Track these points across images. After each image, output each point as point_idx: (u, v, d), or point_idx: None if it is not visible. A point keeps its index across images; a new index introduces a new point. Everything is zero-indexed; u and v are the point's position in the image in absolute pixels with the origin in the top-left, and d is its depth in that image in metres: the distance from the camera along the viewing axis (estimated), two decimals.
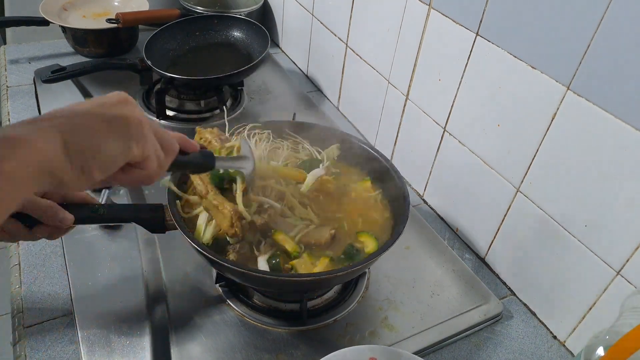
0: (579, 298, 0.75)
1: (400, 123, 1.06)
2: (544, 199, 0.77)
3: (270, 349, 0.73)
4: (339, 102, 1.31)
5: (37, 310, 0.76)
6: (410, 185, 1.09)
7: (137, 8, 1.42)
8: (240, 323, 0.76)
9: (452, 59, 0.87)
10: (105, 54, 1.36)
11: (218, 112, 1.21)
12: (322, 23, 1.29)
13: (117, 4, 1.48)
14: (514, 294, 0.88)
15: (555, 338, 0.81)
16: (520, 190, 0.81)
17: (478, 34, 0.81)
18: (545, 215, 0.77)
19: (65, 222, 0.63)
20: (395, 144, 1.11)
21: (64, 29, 1.33)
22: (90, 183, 0.46)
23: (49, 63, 1.21)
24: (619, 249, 0.67)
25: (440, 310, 0.81)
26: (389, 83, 1.07)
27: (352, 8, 1.13)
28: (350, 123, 1.28)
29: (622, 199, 0.66)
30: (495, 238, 0.89)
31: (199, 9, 1.41)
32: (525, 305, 0.86)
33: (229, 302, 0.79)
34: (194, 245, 0.67)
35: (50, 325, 0.74)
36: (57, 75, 1.13)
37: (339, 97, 1.31)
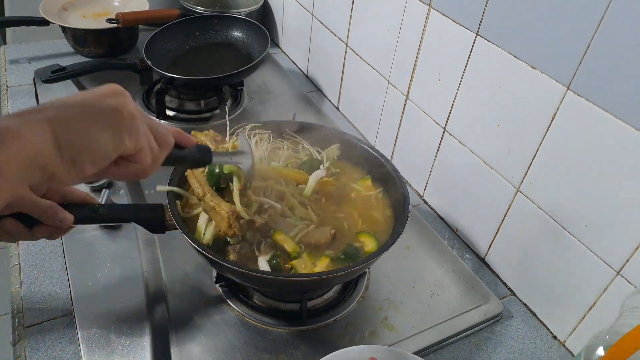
0: (579, 298, 0.75)
1: (400, 123, 1.06)
2: (544, 199, 0.77)
3: (270, 349, 0.73)
4: (339, 102, 1.31)
5: (37, 310, 0.76)
6: (410, 185, 1.09)
7: (137, 8, 1.42)
8: (240, 323, 0.76)
9: (452, 59, 0.87)
10: (105, 54, 1.36)
11: (218, 112, 1.21)
12: (322, 23, 1.29)
13: (117, 4, 1.48)
14: (514, 294, 0.88)
15: (555, 338, 0.81)
16: (520, 190, 0.81)
17: (478, 34, 0.81)
18: (545, 215, 0.77)
19: (65, 222, 0.63)
20: (395, 144, 1.11)
21: (64, 29, 1.33)
22: (82, 177, 0.44)
23: (49, 63, 1.21)
24: (619, 249, 0.67)
25: (440, 310, 0.81)
26: (389, 83, 1.07)
27: (352, 8, 1.13)
28: (350, 123, 1.28)
29: (622, 199, 0.66)
30: (495, 238, 0.89)
31: (199, 9, 1.41)
32: (525, 305, 0.86)
33: (229, 302, 0.79)
34: (194, 245, 0.67)
35: (50, 325, 0.74)
36: (57, 75, 1.13)
37: (339, 97, 1.31)
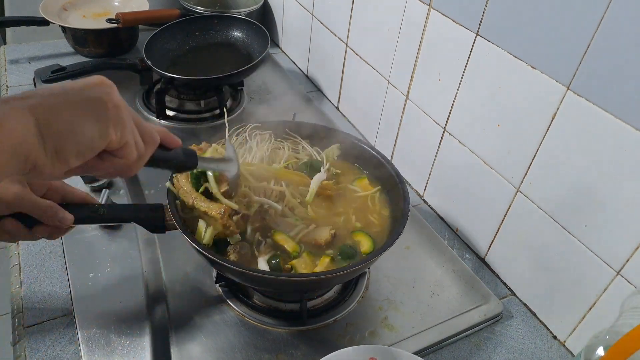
0: (579, 298, 0.75)
1: (400, 123, 1.06)
2: (544, 199, 0.77)
3: (270, 349, 0.73)
4: (339, 102, 1.31)
5: (37, 310, 0.76)
6: (410, 185, 1.09)
7: (137, 8, 1.42)
8: (240, 323, 0.76)
9: (452, 59, 0.87)
10: (105, 54, 1.36)
11: (218, 112, 1.21)
12: (322, 23, 1.29)
13: (117, 4, 1.48)
14: (514, 294, 0.88)
15: (555, 338, 0.81)
16: (520, 190, 0.81)
17: (478, 34, 0.81)
18: (545, 215, 0.77)
19: (65, 222, 0.63)
20: (395, 144, 1.11)
21: (64, 29, 1.33)
22: (66, 169, 0.43)
23: (49, 63, 1.20)
24: (619, 249, 0.67)
25: (440, 310, 0.81)
26: (389, 83, 1.07)
27: (352, 8, 1.13)
28: (350, 123, 1.28)
29: (622, 199, 0.66)
30: (495, 238, 0.89)
31: (199, 9, 1.41)
32: (525, 305, 0.86)
33: (229, 302, 0.79)
34: (194, 246, 0.67)
35: (50, 325, 0.74)
36: (57, 75, 1.13)
37: (339, 97, 1.31)
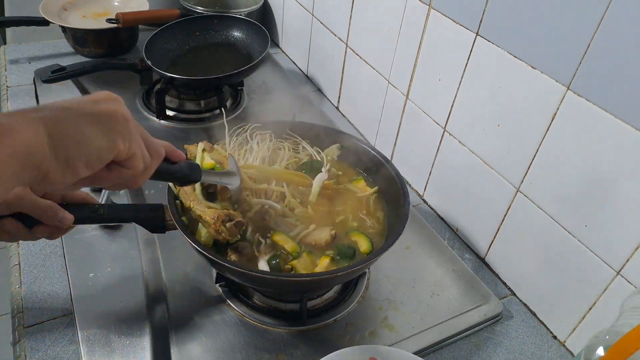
0: (579, 298, 0.75)
1: (400, 123, 1.06)
2: (544, 199, 0.77)
3: (270, 349, 0.73)
4: (339, 102, 1.31)
5: (37, 310, 0.76)
6: (410, 185, 1.09)
7: (137, 8, 1.42)
8: (240, 323, 0.76)
9: (452, 59, 0.87)
10: (105, 54, 1.36)
11: (218, 112, 1.21)
12: (322, 23, 1.29)
13: (117, 4, 1.48)
14: (514, 294, 0.88)
15: (555, 338, 0.81)
16: (520, 190, 0.81)
17: (478, 34, 0.81)
18: (545, 215, 0.77)
19: (65, 222, 0.63)
20: (395, 144, 1.11)
21: (64, 29, 1.33)
22: (76, 178, 0.44)
23: (49, 63, 1.20)
24: (619, 249, 0.67)
25: (440, 310, 0.81)
26: (389, 83, 1.07)
27: (352, 8, 1.13)
28: (350, 123, 1.28)
29: (621, 199, 0.66)
30: (495, 238, 0.89)
31: (199, 9, 1.41)
32: (525, 305, 0.86)
33: (229, 302, 0.79)
34: (194, 246, 0.67)
35: (50, 325, 0.74)
36: (57, 75, 1.13)
37: (339, 97, 1.31)
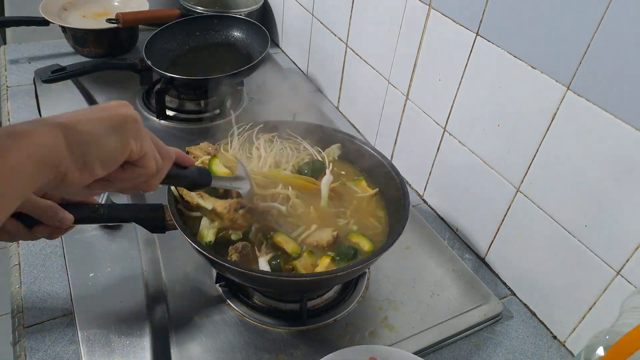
0: (579, 298, 0.75)
1: (400, 123, 1.06)
2: (544, 199, 0.77)
3: (270, 349, 0.73)
4: (339, 102, 1.31)
5: (37, 310, 0.76)
6: (410, 185, 1.09)
7: (137, 8, 1.42)
8: (240, 323, 0.76)
9: (452, 59, 0.87)
10: (105, 54, 1.36)
11: (218, 112, 1.21)
12: (322, 23, 1.29)
13: (117, 4, 1.48)
14: (514, 294, 0.88)
15: (555, 338, 0.81)
16: (520, 190, 0.81)
17: (478, 34, 0.81)
18: (545, 215, 0.77)
19: (65, 222, 0.63)
20: (395, 144, 1.11)
21: (64, 29, 1.33)
22: (92, 178, 0.47)
23: (49, 63, 1.21)
24: (619, 249, 0.67)
25: (440, 310, 0.81)
26: (389, 83, 1.07)
27: (352, 8, 1.13)
28: (350, 123, 1.28)
29: (622, 199, 0.66)
30: (495, 238, 0.89)
31: (199, 9, 1.41)
32: (525, 305, 0.86)
33: (229, 302, 0.79)
34: (194, 246, 0.67)
35: (50, 325, 0.74)
36: (57, 75, 1.13)
37: (339, 97, 1.31)
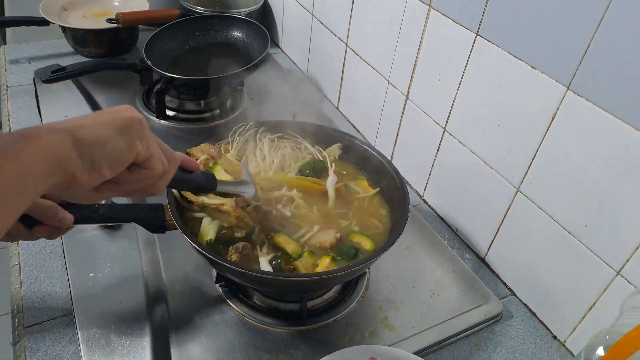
0: (579, 298, 0.75)
1: (400, 123, 1.06)
2: (544, 199, 0.77)
3: (270, 349, 0.73)
4: (339, 102, 1.31)
5: (37, 310, 0.76)
6: (410, 185, 1.09)
7: (137, 8, 1.42)
8: (240, 323, 0.76)
9: (452, 59, 0.87)
10: (105, 54, 1.36)
11: (218, 112, 1.21)
12: (322, 23, 1.29)
13: (117, 4, 1.48)
14: (514, 294, 0.88)
15: (555, 338, 0.81)
16: (520, 190, 0.81)
17: (478, 34, 0.81)
18: (545, 215, 0.77)
19: (65, 222, 0.63)
20: (395, 144, 1.11)
21: (64, 29, 1.33)
22: (100, 180, 0.47)
23: (49, 63, 1.21)
24: (619, 249, 0.67)
25: (440, 310, 0.81)
26: (389, 83, 1.07)
27: (352, 8, 1.13)
28: (350, 123, 1.28)
29: (622, 199, 0.66)
30: (495, 238, 0.89)
31: (199, 9, 1.41)
32: (525, 305, 0.86)
33: (229, 302, 0.79)
34: (194, 246, 0.67)
35: (50, 325, 0.74)
36: (57, 75, 1.13)
37: (339, 97, 1.31)
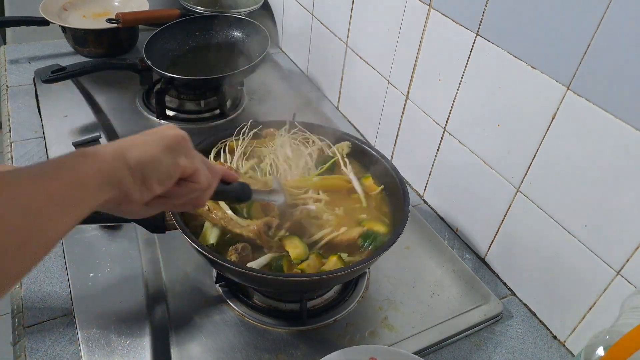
0: (579, 298, 0.75)
1: (400, 123, 1.06)
2: (544, 199, 0.77)
3: (270, 349, 0.73)
4: (339, 102, 1.31)
5: (37, 310, 0.76)
6: (410, 185, 1.09)
7: (137, 8, 1.42)
8: (240, 323, 0.76)
9: (452, 59, 0.87)
10: (105, 54, 1.36)
11: (218, 112, 1.21)
12: (322, 23, 1.29)
13: (117, 4, 1.48)
14: (514, 294, 0.88)
15: (555, 338, 0.81)
16: (520, 190, 0.81)
17: (478, 34, 0.81)
18: (545, 215, 0.77)
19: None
20: (395, 144, 1.11)
21: (64, 29, 1.33)
22: (151, 195, 0.50)
23: (49, 63, 1.20)
24: (619, 249, 0.67)
25: (440, 310, 0.81)
26: (389, 83, 1.07)
27: (352, 8, 1.13)
28: (350, 123, 1.28)
29: (621, 199, 0.66)
30: (495, 238, 0.89)
31: (199, 9, 1.41)
32: (525, 305, 0.86)
33: (229, 302, 0.79)
34: (194, 246, 0.67)
35: (50, 325, 0.74)
36: (57, 75, 1.13)
37: (339, 97, 1.31)
